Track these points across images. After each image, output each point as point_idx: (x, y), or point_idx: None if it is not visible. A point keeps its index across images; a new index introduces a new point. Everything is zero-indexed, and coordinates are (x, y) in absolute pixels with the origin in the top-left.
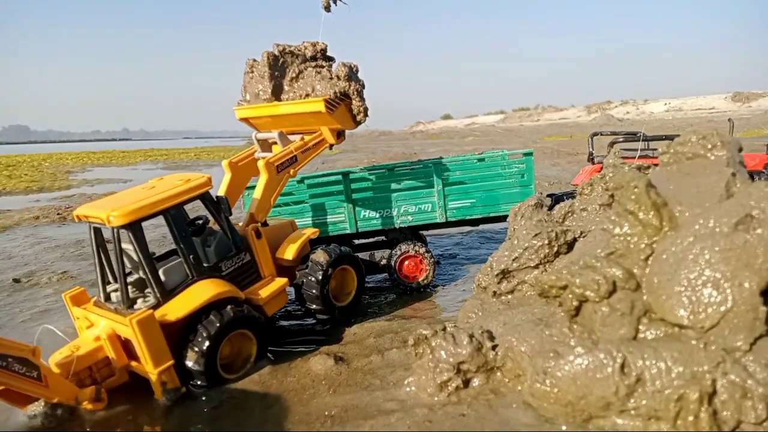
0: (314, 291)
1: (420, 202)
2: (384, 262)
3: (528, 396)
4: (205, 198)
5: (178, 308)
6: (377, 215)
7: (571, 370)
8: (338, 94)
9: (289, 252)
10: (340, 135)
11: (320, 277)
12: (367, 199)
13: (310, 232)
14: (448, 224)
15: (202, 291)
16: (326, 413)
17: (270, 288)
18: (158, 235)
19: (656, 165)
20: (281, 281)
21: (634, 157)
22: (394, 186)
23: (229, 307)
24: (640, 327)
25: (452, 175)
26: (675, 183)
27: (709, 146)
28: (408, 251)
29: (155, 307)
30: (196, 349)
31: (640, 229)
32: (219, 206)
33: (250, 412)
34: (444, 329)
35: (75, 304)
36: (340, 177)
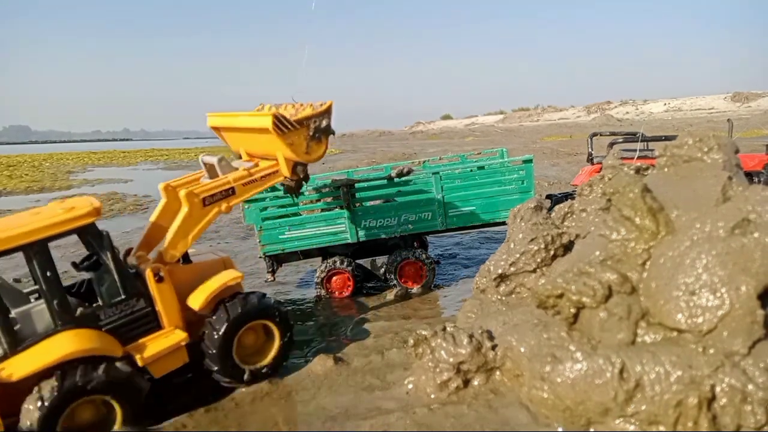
0: (212, 350)
1: (420, 211)
2: (384, 268)
3: (526, 401)
4: (86, 231)
5: (20, 365)
6: (378, 224)
7: (569, 375)
8: (298, 120)
9: (197, 300)
10: (297, 169)
11: (219, 338)
12: (368, 209)
13: (230, 278)
14: (448, 230)
15: (56, 346)
16: (327, 413)
17: (161, 344)
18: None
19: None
20: (177, 336)
21: (633, 158)
22: (394, 195)
23: (80, 369)
24: (639, 331)
25: (452, 183)
26: (671, 186)
27: (706, 149)
28: (408, 257)
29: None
30: (28, 422)
31: (636, 234)
32: (102, 242)
33: (250, 414)
34: (444, 329)
35: None
36: (339, 187)
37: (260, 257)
